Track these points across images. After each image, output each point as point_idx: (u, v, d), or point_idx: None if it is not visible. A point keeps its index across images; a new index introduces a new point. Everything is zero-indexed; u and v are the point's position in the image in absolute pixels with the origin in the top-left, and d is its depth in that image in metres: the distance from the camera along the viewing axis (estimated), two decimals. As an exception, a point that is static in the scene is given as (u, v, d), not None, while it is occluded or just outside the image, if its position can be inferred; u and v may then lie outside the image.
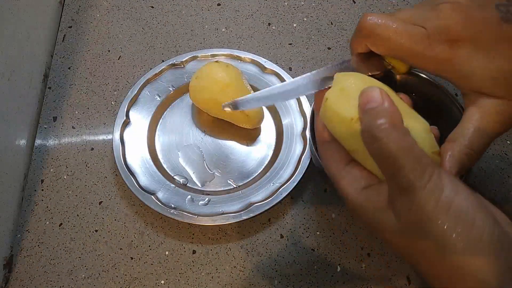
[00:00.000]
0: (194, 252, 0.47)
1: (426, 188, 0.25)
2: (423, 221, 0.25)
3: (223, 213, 0.46)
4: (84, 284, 0.45)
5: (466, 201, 0.25)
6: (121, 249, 0.47)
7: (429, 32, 0.33)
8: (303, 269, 0.45)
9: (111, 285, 0.45)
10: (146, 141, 0.52)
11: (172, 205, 0.47)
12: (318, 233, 0.47)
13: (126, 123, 0.52)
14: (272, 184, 0.48)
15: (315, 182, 0.50)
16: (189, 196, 0.48)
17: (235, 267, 0.46)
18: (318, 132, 0.33)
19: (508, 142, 0.53)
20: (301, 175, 0.48)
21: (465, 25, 0.32)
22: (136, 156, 0.50)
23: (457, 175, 0.32)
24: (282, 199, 0.47)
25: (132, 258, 0.46)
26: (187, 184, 0.49)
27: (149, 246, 0.47)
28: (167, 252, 0.47)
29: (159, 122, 0.54)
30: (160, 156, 0.51)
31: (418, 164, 0.26)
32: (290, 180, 0.48)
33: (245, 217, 0.46)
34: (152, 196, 0.47)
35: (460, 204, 0.25)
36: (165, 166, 0.51)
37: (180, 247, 0.47)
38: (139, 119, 0.53)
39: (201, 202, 0.47)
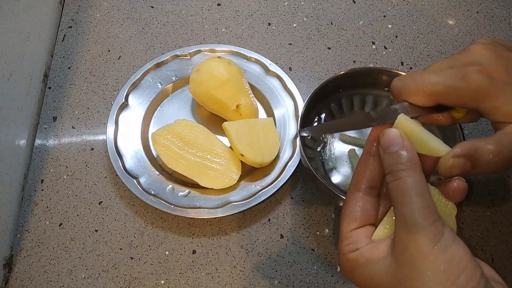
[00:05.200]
0: (194, 252, 0.47)
1: (428, 229, 0.27)
2: (417, 258, 0.27)
3: (199, 207, 0.46)
4: (84, 284, 0.45)
5: (461, 250, 0.27)
6: (121, 249, 0.47)
7: (461, 68, 0.33)
8: (303, 269, 0.45)
9: (111, 285, 0.45)
10: (140, 126, 0.52)
11: (152, 192, 0.47)
12: (318, 233, 0.47)
13: (124, 105, 0.53)
14: (253, 186, 0.48)
15: (315, 183, 0.50)
16: (171, 186, 0.48)
17: (235, 267, 0.46)
18: (357, 178, 0.32)
19: (508, 142, 0.53)
20: (283, 182, 0.47)
21: (497, 60, 0.33)
22: (128, 138, 0.51)
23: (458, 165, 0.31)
24: (260, 202, 0.47)
25: (132, 258, 0.46)
26: (172, 174, 0.50)
27: (149, 246, 0.47)
28: (167, 252, 0.47)
29: (157, 110, 0.54)
30: (151, 142, 0.51)
31: (427, 208, 0.28)
32: (271, 185, 0.47)
33: (220, 215, 0.46)
34: (135, 180, 0.48)
35: (456, 251, 0.27)
36: (154, 153, 0.51)
37: (180, 247, 0.47)
38: (138, 103, 0.54)
39: (181, 193, 0.48)
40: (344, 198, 0.42)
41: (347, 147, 0.50)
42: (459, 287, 0.26)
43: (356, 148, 0.50)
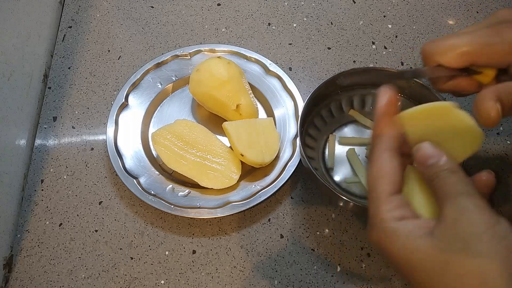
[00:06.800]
0: (194, 252, 0.47)
1: (484, 210, 0.26)
2: (473, 235, 0.25)
3: (199, 207, 0.46)
4: (84, 284, 0.45)
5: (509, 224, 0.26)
6: (121, 249, 0.47)
7: (493, 26, 0.34)
8: (303, 269, 0.45)
9: (111, 285, 0.45)
10: (140, 126, 0.52)
11: (152, 192, 0.47)
12: (318, 233, 0.47)
13: (124, 105, 0.53)
14: (253, 186, 0.48)
15: (316, 183, 0.50)
16: (171, 186, 0.48)
17: (235, 267, 0.46)
18: (386, 136, 0.31)
19: (508, 142, 0.53)
20: (283, 181, 0.47)
21: None
22: (128, 138, 0.51)
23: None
24: (260, 202, 0.47)
25: (132, 258, 0.46)
26: (172, 174, 0.50)
27: (149, 246, 0.47)
28: (167, 252, 0.47)
29: (157, 110, 0.54)
30: (151, 142, 0.51)
31: (477, 195, 0.27)
32: (271, 185, 0.47)
33: (220, 215, 0.46)
34: (135, 180, 0.48)
35: (506, 224, 0.26)
36: (154, 153, 0.51)
37: (180, 247, 0.47)
38: (138, 103, 0.54)
39: (181, 193, 0.48)
40: (344, 198, 0.42)
41: (346, 147, 0.50)
42: None
43: (355, 147, 0.50)
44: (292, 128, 0.52)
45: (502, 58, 0.33)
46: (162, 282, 0.45)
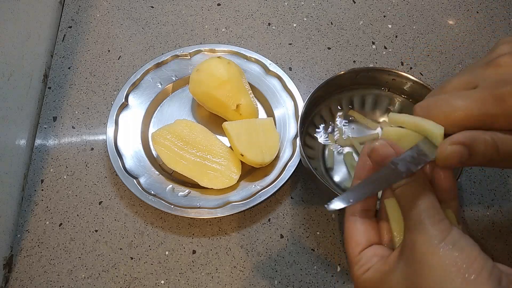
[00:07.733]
0: (194, 252, 0.47)
1: (435, 226, 0.27)
2: (426, 254, 0.27)
3: (199, 207, 0.46)
4: (84, 284, 0.45)
5: (470, 243, 0.27)
6: (121, 249, 0.47)
7: (493, 90, 0.29)
8: (303, 269, 0.45)
9: (111, 285, 0.45)
10: (140, 126, 0.52)
11: (152, 192, 0.47)
12: (318, 233, 0.47)
13: (124, 105, 0.53)
14: (253, 186, 0.48)
15: (315, 183, 0.50)
16: (171, 186, 0.48)
17: (235, 267, 0.46)
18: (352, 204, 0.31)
19: (508, 142, 0.53)
20: (283, 182, 0.47)
21: None
22: (128, 138, 0.51)
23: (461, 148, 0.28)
24: (260, 202, 0.47)
25: (132, 258, 0.46)
26: (172, 174, 0.50)
27: (149, 246, 0.47)
28: (167, 252, 0.47)
29: (157, 110, 0.54)
30: (151, 142, 0.51)
31: (432, 208, 0.28)
32: (271, 185, 0.47)
33: (220, 215, 0.46)
34: (135, 180, 0.48)
35: (464, 245, 0.27)
36: (154, 153, 0.51)
37: (180, 247, 0.47)
38: (138, 103, 0.54)
39: (181, 193, 0.48)
40: None
41: (346, 148, 0.50)
42: (470, 278, 0.25)
43: (353, 151, 0.50)
44: (292, 128, 0.52)
45: (504, 127, 0.29)
46: (162, 282, 0.45)
